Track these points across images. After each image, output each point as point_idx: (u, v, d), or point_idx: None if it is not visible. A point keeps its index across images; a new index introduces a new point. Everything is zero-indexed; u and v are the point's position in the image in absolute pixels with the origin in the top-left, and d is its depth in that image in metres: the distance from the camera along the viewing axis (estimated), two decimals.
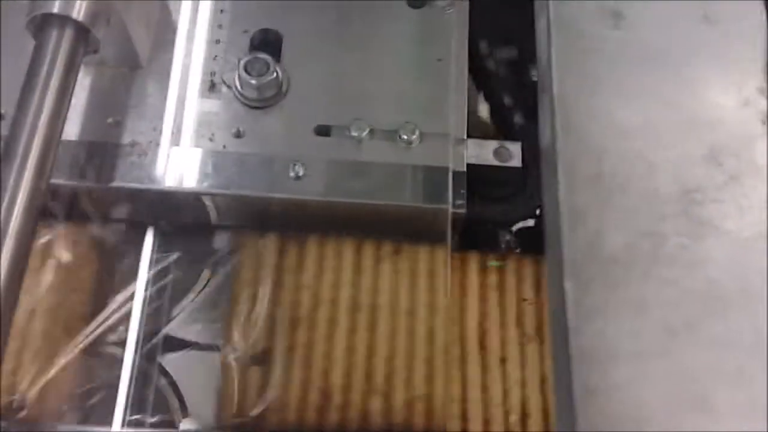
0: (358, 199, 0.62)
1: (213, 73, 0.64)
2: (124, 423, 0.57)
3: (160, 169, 0.60)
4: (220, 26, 0.65)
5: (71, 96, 0.54)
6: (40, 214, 0.51)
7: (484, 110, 0.73)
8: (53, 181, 0.53)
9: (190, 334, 0.62)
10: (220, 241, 0.64)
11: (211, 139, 0.62)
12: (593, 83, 0.43)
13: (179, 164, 0.60)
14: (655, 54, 0.44)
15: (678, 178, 0.42)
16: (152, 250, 0.62)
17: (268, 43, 0.65)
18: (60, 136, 0.53)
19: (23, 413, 0.56)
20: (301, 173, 0.62)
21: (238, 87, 0.62)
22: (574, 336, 0.38)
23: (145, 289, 0.61)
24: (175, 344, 0.61)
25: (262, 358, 0.59)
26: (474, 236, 0.67)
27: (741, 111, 0.44)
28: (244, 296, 0.61)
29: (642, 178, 0.41)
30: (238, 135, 0.62)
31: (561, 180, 0.40)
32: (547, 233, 0.40)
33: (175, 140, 0.61)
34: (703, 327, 0.39)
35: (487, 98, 0.73)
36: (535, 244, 0.64)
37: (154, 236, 0.63)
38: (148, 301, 0.61)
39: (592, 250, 0.39)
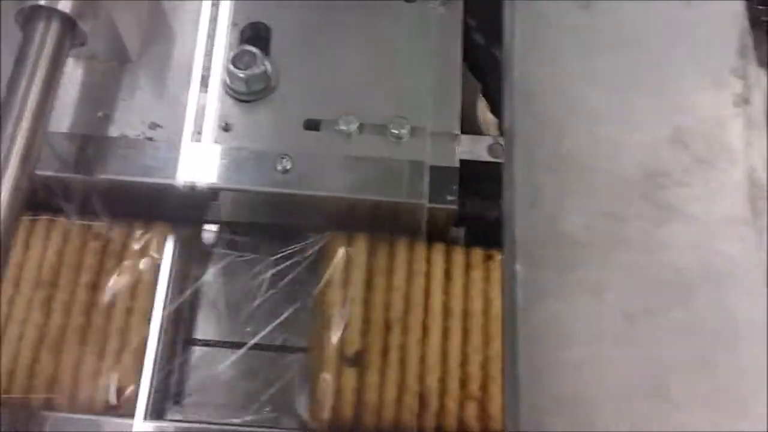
0: (345, 194, 0.62)
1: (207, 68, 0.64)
2: (146, 416, 0.57)
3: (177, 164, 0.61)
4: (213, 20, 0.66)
5: (57, 87, 0.55)
6: (25, 204, 0.51)
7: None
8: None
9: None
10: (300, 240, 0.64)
11: (199, 132, 0.62)
12: (556, 64, 0.42)
13: (199, 159, 0.61)
14: (623, 35, 0.43)
15: (642, 161, 0.40)
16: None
17: (257, 36, 0.65)
18: (46, 127, 0.54)
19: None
20: (288, 167, 0.62)
21: (227, 80, 0.63)
22: (523, 316, 0.37)
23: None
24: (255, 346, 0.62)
25: (355, 360, 0.58)
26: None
27: (712, 93, 0.42)
28: (335, 298, 0.60)
29: (604, 160, 0.40)
30: (227, 129, 0.63)
31: (517, 160, 0.39)
32: (504, 214, 0.39)
33: (196, 136, 0.61)
34: (664, 313, 0.38)
35: (485, 94, 0.73)
36: None
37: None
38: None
39: (548, 231, 0.38)
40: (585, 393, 0.36)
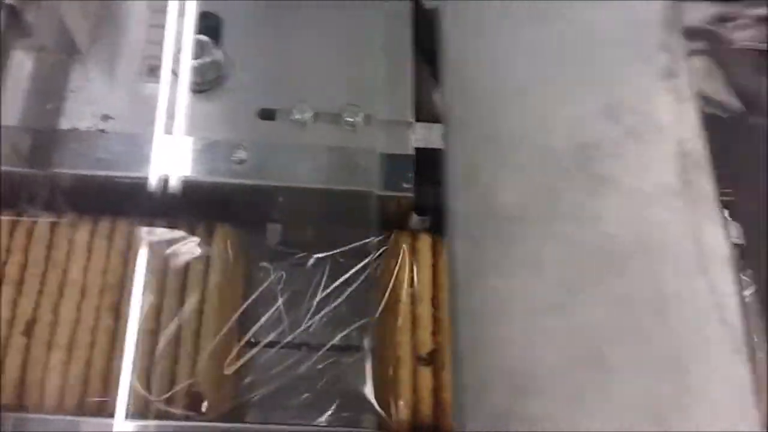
0: (301, 184, 0.62)
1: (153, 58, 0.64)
2: (127, 416, 0.57)
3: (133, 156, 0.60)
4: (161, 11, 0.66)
5: (5, 78, 0.54)
6: None
7: None
8: None
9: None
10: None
11: (151, 123, 0.62)
12: (488, 42, 0.42)
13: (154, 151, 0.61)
14: (553, 11, 0.43)
15: (575, 135, 0.41)
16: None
17: (208, 26, 0.65)
18: None
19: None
20: (244, 157, 0.62)
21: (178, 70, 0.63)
22: (463, 292, 0.37)
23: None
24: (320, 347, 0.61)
25: (429, 360, 0.57)
26: None
27: (640, 67, 0.43)
28: (404, 296, 0.59)
29: (537, 135, 0.41)
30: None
31: (454, 138, 0.40)
32: (444, 192, 0.40)
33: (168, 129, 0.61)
34: (600, 283, 0.38)
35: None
36: None
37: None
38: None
39: (485, 207, 0.39)
40: (524, 365, 0.36)
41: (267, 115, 0.64)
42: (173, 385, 0.56)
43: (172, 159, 0.61)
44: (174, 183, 0.62)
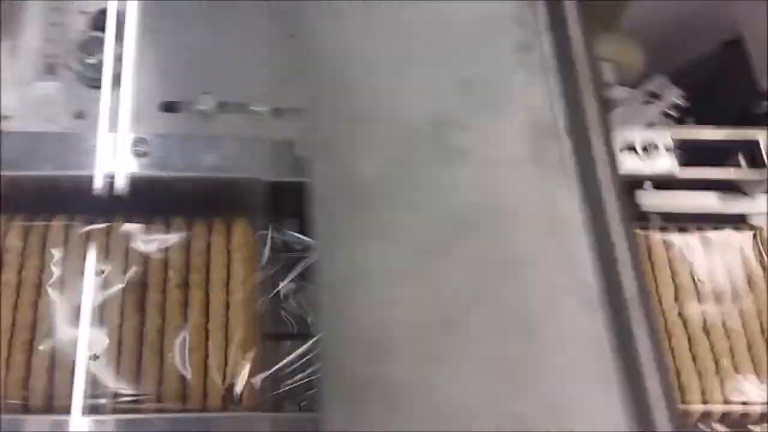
0: (205, 174, 0.62)
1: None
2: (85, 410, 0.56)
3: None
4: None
5: None
6: None
7: None
8: None
9: None
10: None
11: (51, 121, 0.62)
12: (344, 23, 0.44)
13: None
14: None
15: (430, 110, 0.42)
16: None
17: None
18: None
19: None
20: (145, 150, 0.62)
21: (77, 68, 0.63)
22: (321, 263, 0.38)
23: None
24: None
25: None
26: None
27: (495, 41, 0.45)
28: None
29: (393, 112, 0.42)
30: (80, 116, 0.63)
31: (309, 116, 0.41)
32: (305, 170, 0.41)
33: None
34: (455, 249, 0.40)
35: None
36: None
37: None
38: None
39: (341, 182, 0.40)
40: (381, 332, 0.37)
41: (169, 107, 0.64)
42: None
43: (75, 155, 0.61)
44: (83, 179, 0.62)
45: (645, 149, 0.70)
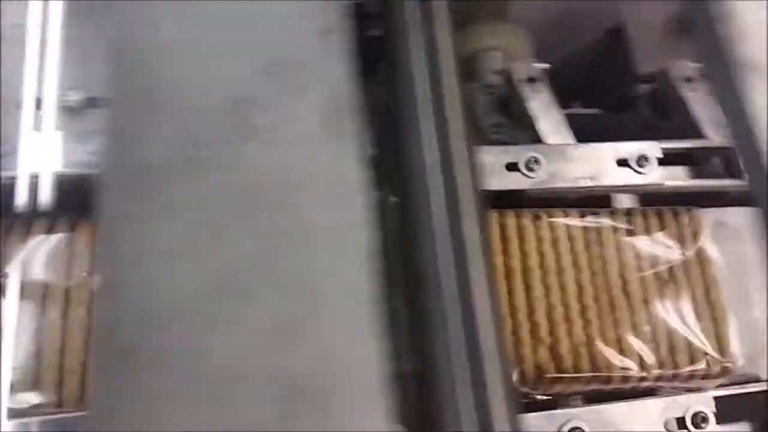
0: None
1: None
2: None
3: None
4: None
5: None
6: None
7: None
8: None
9: None
10: None
11: None
12: (148, 6, 0.45)
13: None
14: None
15: (230, 91, 0.44)
16: None
17: None
18: None
19: None
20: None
21: None
22: (105, 244, 0.40)
23: None
24: None
25: None
26: None
27: (301, 25, 0.46)
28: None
29: (191, 93, 0.44)
30: None
31: (113, 100, 0.42)
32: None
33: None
34: (244, 223, 0.41)
35: None
36: None
37: None
38: None
39: (131, 161, 0.42)
40: (159, 304, 0.39)
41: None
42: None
43: None
44: None
45: (639, 163, 0.72)
